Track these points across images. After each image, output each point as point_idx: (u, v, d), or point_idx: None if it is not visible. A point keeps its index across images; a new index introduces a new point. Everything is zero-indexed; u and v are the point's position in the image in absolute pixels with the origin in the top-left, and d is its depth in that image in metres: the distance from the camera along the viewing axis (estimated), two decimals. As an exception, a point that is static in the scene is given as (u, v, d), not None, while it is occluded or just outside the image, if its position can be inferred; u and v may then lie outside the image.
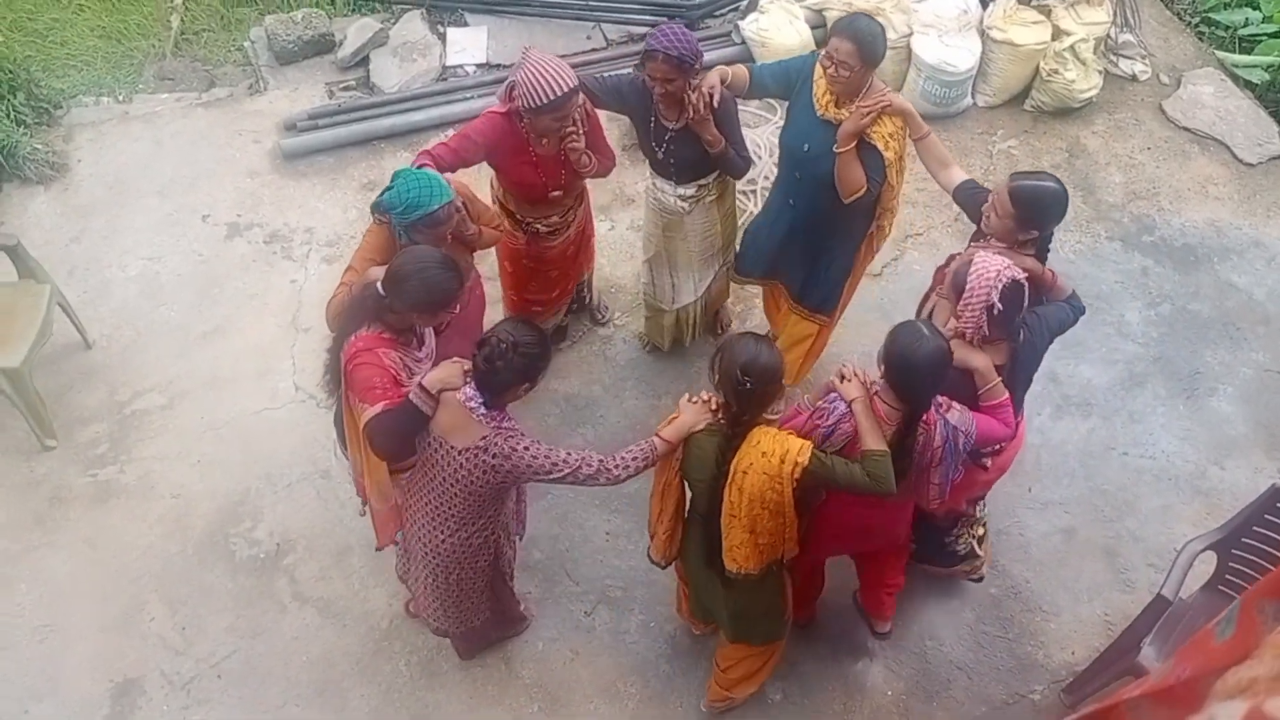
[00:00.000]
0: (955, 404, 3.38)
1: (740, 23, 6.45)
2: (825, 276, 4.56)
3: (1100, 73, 6.47)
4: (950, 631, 4.52)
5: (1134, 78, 6.69)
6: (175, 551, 4.58)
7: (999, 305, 3.39)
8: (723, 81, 4.06)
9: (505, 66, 6.43)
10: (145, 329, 5.26)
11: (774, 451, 3.20)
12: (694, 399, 3.36)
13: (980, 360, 3.51)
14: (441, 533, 3.49)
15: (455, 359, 3.32)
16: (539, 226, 4.42)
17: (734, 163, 4.28)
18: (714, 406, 3.31)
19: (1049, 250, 3.82)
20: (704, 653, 4.34)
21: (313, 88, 6.38)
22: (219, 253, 5.59)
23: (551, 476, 3.28)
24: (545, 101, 3.81)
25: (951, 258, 4.03)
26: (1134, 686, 2.29)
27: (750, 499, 3.26)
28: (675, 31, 3.95)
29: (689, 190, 4.40)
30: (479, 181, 4.47)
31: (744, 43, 6.43)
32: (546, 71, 3.80)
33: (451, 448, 3.26)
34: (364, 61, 6.48)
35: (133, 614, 4.42)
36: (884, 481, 3.22)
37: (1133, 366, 5.38)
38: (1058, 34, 6.31)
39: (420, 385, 3.23)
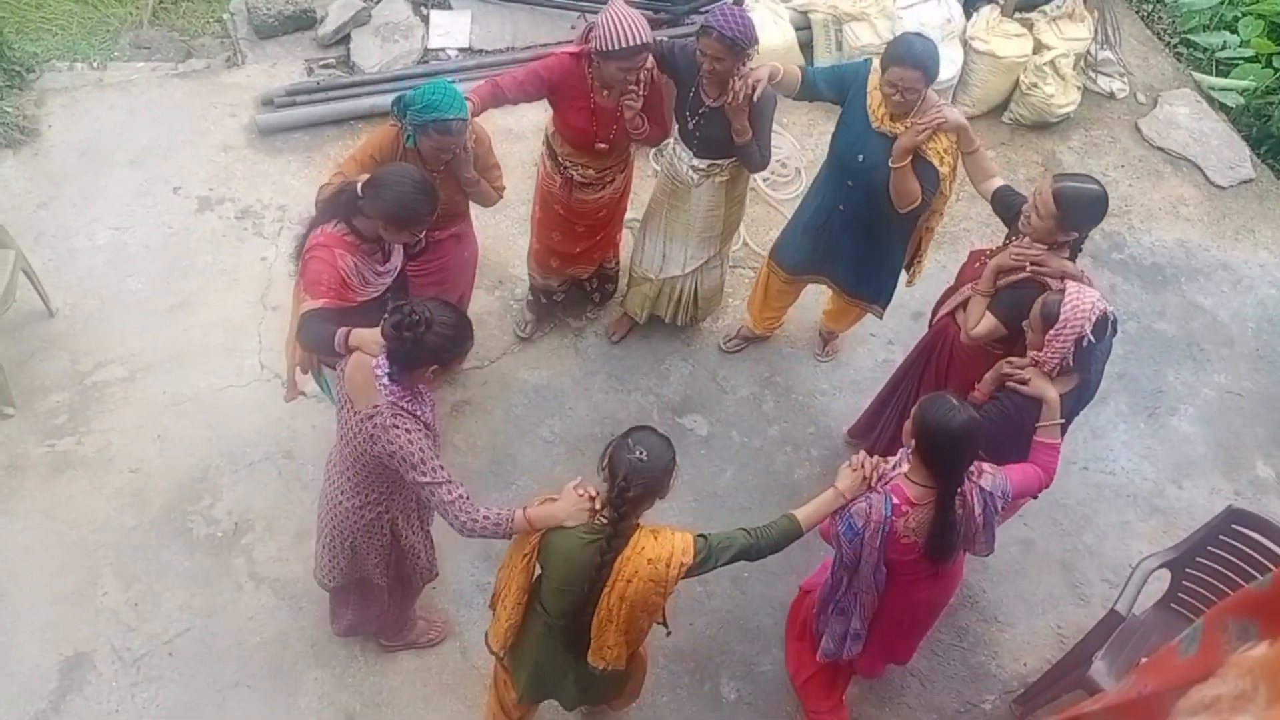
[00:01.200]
0: (985, 466, 3.31)
1: (725, 20, 6.43)
2: (879, 271, 4.67)
3: (1079, 89, 6.52)
4: (906, 638, 4.55)
5: (1112, 95, 6.74)
6: (132, 526, 4.53)
7: (1091, 338, 3.41)
8: (772, 78, 4.12)
9: (488, 52, 6.39)
10: (110, 299, 5.18)
11: (660, 557, 3.04)
12: (580, 489, 3.13)
13: (1053, 394, 3.52)
14: (341, 494, 3.48)
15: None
16: (575, 173, 4.50)
17: (753, 157, 4.37)
18: (598, 506, 3.09)
19: (1080, 251, 3.88)
20: (660, 647, 4.34)
21: (291, 64, 6.31)
22: (189, 226, 5.52)
23: (415, 474, 3.14)
24: (616, 48, 3.94)
25: (976, 254, 4.09)
26: (1094, 700, 2.31)
27: (631, 604, 3.09)
28: (735, 13, 4.02)
29: (702, 164, 4.48)
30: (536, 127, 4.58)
31: (728, 41, 6.42)
32: (625, 20, 3.94)
33: (353, 407, 3.24)
34: (345, 40, 6.41)
35: (86, 587, 4.36)
36: (767, 545, 3.17)
37: (1097, 382, 5.43)
38: (1039, 48, 6.36)
39: (345, 333, 3.27)
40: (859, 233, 4.47)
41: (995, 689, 4.47)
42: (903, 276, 4.74)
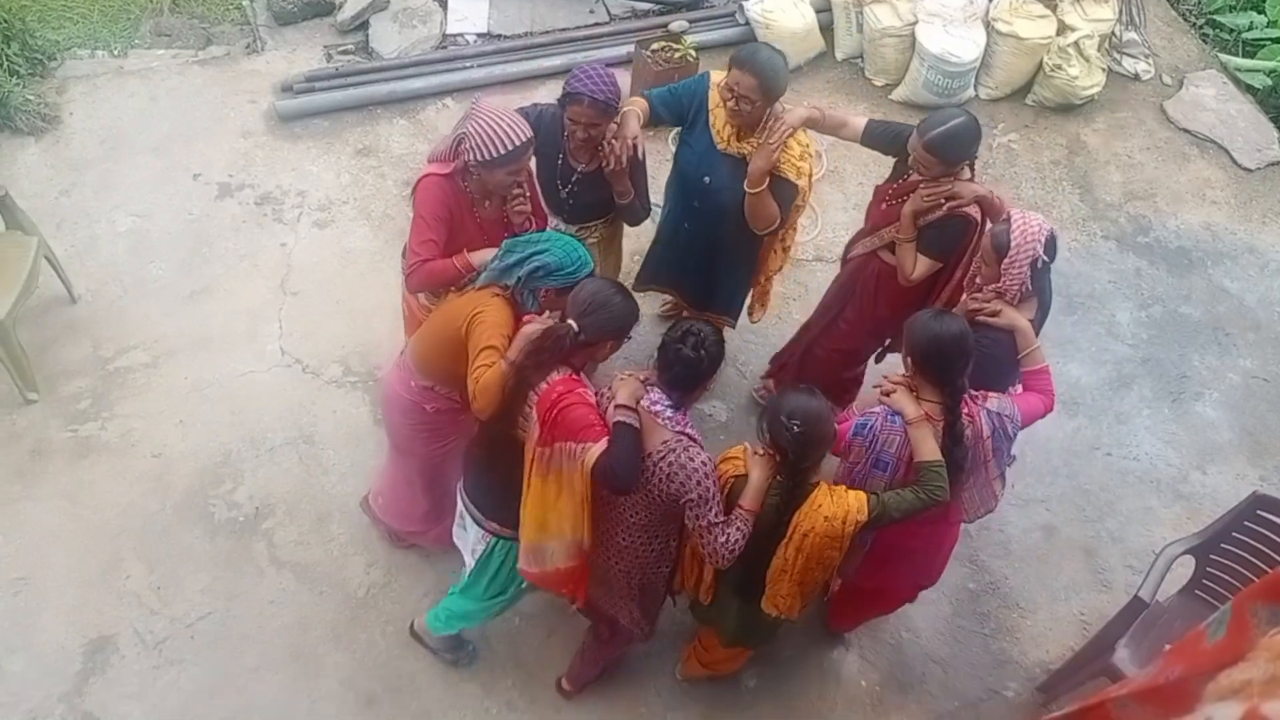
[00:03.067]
0: (991, 393, 3.42)
1: (745, 4, 6.40)
2: (727, 283, 4.53)
3: (1103, 70, 6.45)
4: (927, 624, 4.53)
5: (1137, 77, 6.68)
6: (154, 510, 4.55)
7: (1044, 258, 3.54)
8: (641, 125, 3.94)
9: (506, 37, 6.38)
10: (132, 286, 5.21)
11: (837, 515, 3.15)
12: (757, 451, 3.23)
13: (1024, 322, 3.61)
14: (622, 539, 3.40)
15: (628, 373, 3.24)
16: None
17: (636, 212, 4.19)
18: (775, 456, 3.17)
19: (973, 165, 3.94)
20: (680, 634, 4.33)
21: (311, 50, 6.32)
22: (209, 212, 5.54)
23: (698, 511, 3.12)
24: (501, 154, 3.50)
25: (881, 191, 4.12)
26: (1120, 685, 2.29)
27: (808, 558, 3.21)
28: (598, 74, 3.77)
29: (572, 229, 4.18)
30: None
31: (748, 24, 6.39)
32: (501, 122, 3.51)
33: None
34: (363, 26, 6.41)
35: (109, 571, 4.39)
36: (940, 491, 3.21)
37: (1121, 367, 5.38)
38: (1063, 29, 6.30)
39: (620, 406, 3.15)
40: (705, 251, 4.31)
41: (1018, 676, 4.44)
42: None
